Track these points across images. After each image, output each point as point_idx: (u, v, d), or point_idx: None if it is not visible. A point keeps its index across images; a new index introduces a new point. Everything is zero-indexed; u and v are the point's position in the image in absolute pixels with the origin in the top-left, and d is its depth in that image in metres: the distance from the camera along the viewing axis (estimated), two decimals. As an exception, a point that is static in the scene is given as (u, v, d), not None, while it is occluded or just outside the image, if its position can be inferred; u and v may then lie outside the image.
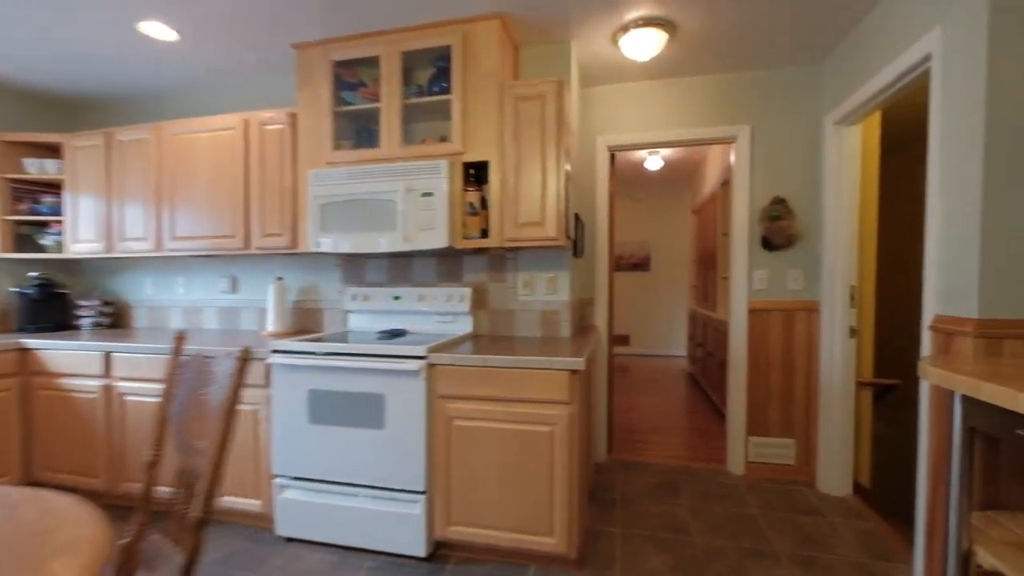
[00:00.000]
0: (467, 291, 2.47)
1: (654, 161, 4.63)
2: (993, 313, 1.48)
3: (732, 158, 2.87)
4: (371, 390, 1.98)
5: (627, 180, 6.16)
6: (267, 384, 2.14)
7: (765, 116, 2.77)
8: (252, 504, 2.18)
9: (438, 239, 2.15)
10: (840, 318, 2.55)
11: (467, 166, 2.24)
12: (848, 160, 2.53)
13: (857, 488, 2.60)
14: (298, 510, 2.08)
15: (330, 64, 2.34)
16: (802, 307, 2.73)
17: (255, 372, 2.16)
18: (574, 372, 1.81)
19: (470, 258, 2.57)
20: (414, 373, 1.93)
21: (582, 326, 2.95)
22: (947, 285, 1.64)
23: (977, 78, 1.50)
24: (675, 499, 2.53)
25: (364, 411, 1.99)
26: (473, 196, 2.22)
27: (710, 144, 2.93)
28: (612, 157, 3.13)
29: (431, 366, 1.94)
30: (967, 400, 1.28)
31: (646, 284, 7.40)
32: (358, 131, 2.55)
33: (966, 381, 1.15)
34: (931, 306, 1.72)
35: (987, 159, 1.47)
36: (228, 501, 2.21)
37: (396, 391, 1.96)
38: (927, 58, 1.78)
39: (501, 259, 2.53)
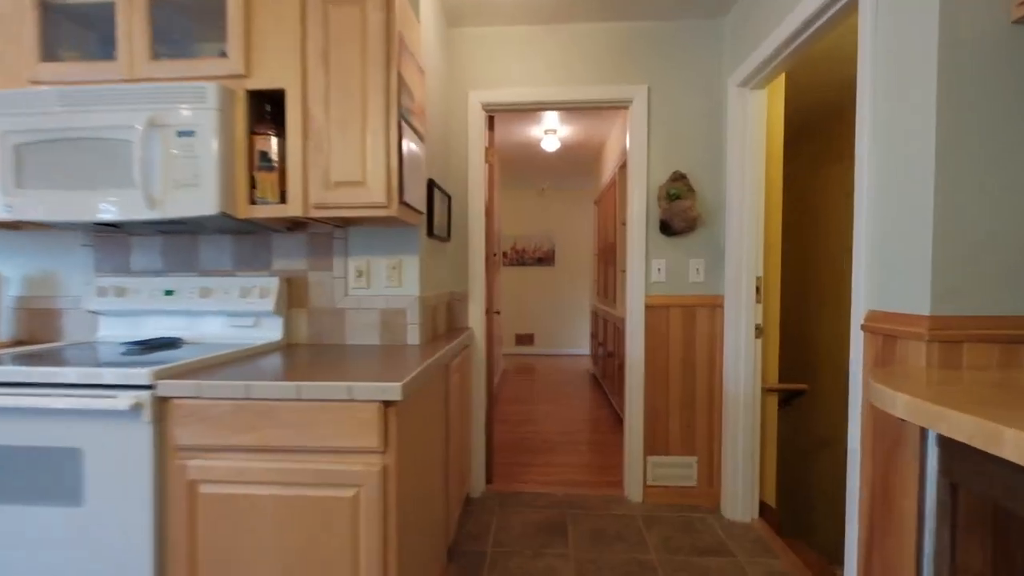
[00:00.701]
0: (273, 282, 1.75)
1: (551, 142, 4.16)
2: (951, 309, 1.08)
3: (628, 131, 2.41)
4: (59, 443, 1.20)
5: (527, 168, 5.68)
6: None
7: (664, 76, 2.34)
8: None
9: (203, 203, 1.42)
10: (745, 315, 2.18)
11: (257, 98, 1.53)
12: (753, 130, 2.16)
13: (763, 509, 2.25)
14: (-62, 647, 1.24)
15: (36, -71, 1.50)
16: (705, 303, 2.34)
17: None
18: (388, 404, 1.18)
19: (282, 237, 1.84)
20: (129, 414, 1.18)
21: (449, 328, 2.34)
22: (886, 272, 1.24)
23: (929, -14, 1.10)
24: (561, 546, 2.00)
25: (47, 477, 1.21)
26: (268, 143, 1.51)
27: (603, 107, 2.45)
28: (491, 120, 2.55)
29: (161, 401, 1.21)
30: (947, 444, 0.83)
31: (551, 279, 7.01)
32: (94, 40, 1.71)
33: (972, 423, 0.68)
34: (863, 299, 1.31)
35: (941, 89, 1.07)
36: None
37: (102, 443, 1.20)
38: (854, -20, 1.39)
39: (327, 239, 1.84)
